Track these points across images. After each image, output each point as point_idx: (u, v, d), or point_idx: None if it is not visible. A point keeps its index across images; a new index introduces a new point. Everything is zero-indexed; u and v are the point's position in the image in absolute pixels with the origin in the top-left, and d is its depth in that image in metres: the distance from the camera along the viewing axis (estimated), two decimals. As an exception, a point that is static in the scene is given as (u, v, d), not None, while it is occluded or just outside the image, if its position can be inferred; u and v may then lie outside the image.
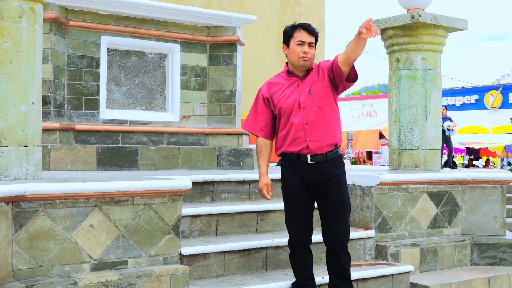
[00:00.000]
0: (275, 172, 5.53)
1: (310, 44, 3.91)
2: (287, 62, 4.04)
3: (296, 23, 3.96)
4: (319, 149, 3.88)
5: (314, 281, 4.07)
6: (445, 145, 15.01)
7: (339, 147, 3.98)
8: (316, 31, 3.96)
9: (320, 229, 4.04)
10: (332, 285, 4.03)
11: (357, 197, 5.27)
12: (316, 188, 3.94)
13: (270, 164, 4.15)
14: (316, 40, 3.95)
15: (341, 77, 3.90)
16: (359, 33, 3.66)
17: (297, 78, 3.98)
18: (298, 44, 3.90)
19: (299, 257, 4.00)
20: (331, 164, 3.92)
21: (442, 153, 16.16)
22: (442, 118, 15.22)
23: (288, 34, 3.95)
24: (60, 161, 5.67)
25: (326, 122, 3.91)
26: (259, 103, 4.04)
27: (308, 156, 3.88)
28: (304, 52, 3.88)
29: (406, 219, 5.41)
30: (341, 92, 4.04)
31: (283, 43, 3.98)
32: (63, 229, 3.57)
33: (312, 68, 3.99)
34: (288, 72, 4.00)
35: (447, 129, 15.38)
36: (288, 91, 3.95)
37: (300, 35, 3.90)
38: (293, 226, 3.97)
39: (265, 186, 4.01)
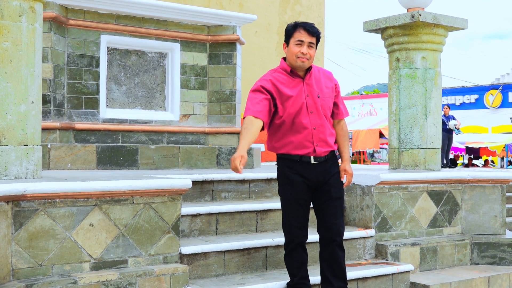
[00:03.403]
0: (274, 171, 5.53)
1: (309, 45, 3.84)
2: (284, 58, 3.98)
3: (298, 22, 3.89)
4: (323, 152, 3.94)
5: (309, 280, 4.04)
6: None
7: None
8: (318, 32, 3.88)
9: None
10: (327, 282, 3.98)
11: (357, 197, 5.27)
12: (317, 186, 3.96)
13: (268, 164, 4.15)
14: (318, 40, 3.88)
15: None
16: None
17: (300, 78, 3.92)
18: (296, 44, 3.84)
19: (295, 256, 3.96)
20: (331, 163, 3.99)
21: (449, 152, 16.09)
22: (446, 117, 15.19)
23: (288, 33, 3.89)
24: (60, 160, 5.67)
25: (329, 129, 3.97)
26: (257, 95, 3.82)
27: (312, 157, 3.91)
28: (302, 53, 3.82)
29: (406, 219, 5.41)
30: None
31: (284, 41, 3.93)
32: (63, 228, 3.57)
33: (311, 67, 3.94)
34: (291, 71, 3.91)
35: (456, 128, 15.27)
36: (294, 91, 3.86)
37: (300, 35, 3.83)
38: (294, 226, 3.94)
39: (239, 157, 3.62)
